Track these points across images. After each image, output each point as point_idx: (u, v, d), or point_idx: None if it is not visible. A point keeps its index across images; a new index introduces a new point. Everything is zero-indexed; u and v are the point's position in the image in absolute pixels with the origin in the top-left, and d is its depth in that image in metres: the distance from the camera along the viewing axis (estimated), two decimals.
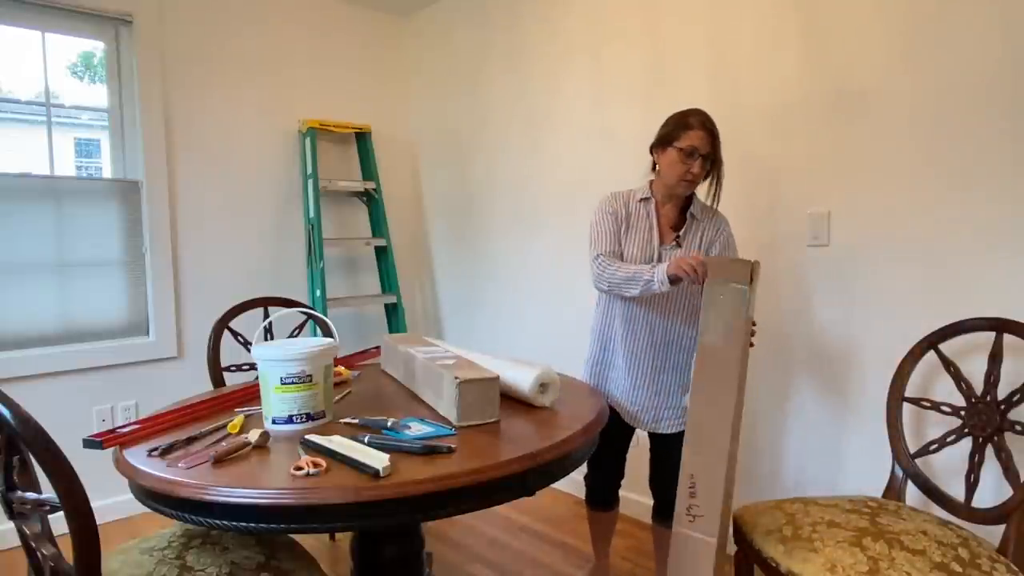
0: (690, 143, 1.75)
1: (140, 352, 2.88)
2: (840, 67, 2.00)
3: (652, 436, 1.96)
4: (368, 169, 3.53)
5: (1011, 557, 1.40)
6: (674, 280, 1.67)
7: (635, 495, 2.67)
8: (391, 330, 3.56)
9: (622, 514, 2.70)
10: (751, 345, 1.63)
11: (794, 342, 2.16)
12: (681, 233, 1.85)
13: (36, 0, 2.64)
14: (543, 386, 1.58)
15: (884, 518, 1.48)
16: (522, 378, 1.58)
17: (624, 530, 2.58)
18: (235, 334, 2.26)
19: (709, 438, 1.47)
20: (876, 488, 1.97)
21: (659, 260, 1.83)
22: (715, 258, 1.70)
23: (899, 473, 1.69)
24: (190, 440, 1.38)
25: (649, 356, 1.89)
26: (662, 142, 1.82)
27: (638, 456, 2.69)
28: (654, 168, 1.89)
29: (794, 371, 2.17)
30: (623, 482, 2.08)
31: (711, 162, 1.78)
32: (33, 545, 1.09)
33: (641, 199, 1.89)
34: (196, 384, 3.01)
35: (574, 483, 2.95)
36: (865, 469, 2.01)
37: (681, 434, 1.87)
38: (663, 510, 1.96)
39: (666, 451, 1.94)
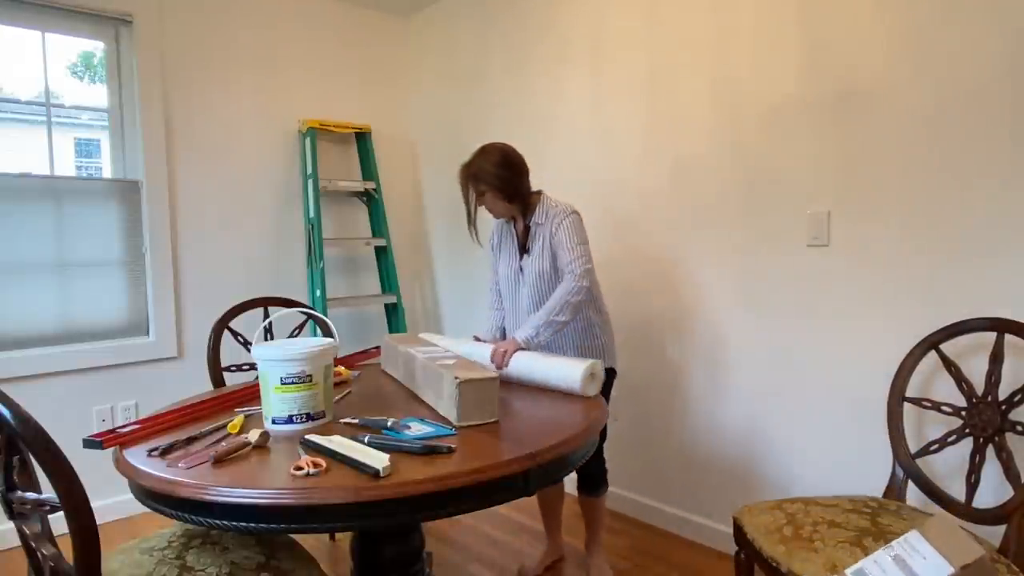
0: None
1: (140, 352, 2.87)
2: (840, 67, 2.00)
3: None
4: (368, 169, 3.53)
5: (1011, 557, 1.40)
6: None
7: (630, 493, 2.67)
8: (391, 330, 3.56)
9: (619, 513, 2.70)
10: None
11: (794, 342, 2.16)
12: (529, 244, 2.03)
13: (36, 0, 2.64)
14: (592, 375, 1.74)
15: (885, 518, 1.48)
16: (571, 370, 1.72)
17: (623, 529, 2.58)
18: (235, 334, 2.26)
19: None
20: (877, 488, 1.97)
21: (521, 271, 2.07)
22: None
23: (900, 473, 1.69)
24: (190, 440, 1.38)
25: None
26: None
27: (626, 450, 2.69)
28: None
29: (794, 371, 2.16)
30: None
31: (504, 193, 1.96)
32: (33, 545, 1.09)
33: (507, 220, 2.12)
34: (196, 384, 3.01)
35: (573, 483, 2.94)
36: (865, 469, 2.01)
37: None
38: (583, 482, 2.17)
39: None
